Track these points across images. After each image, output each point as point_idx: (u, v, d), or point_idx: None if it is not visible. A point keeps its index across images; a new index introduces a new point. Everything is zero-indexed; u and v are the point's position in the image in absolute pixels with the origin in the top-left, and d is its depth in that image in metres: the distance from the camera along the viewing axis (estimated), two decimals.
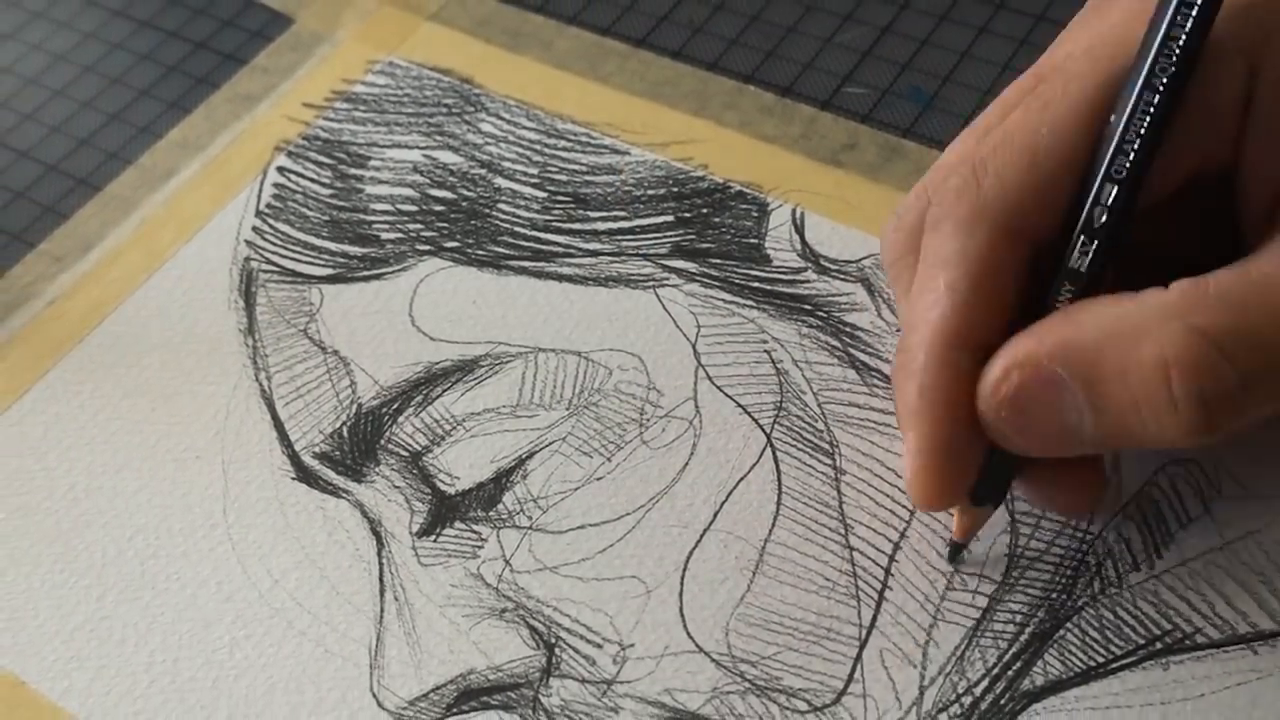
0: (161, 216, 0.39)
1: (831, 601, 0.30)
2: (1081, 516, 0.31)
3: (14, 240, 0.39)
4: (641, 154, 0.39)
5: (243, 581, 0.31)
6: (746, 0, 0.43)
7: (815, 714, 0.28)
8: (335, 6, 0.45)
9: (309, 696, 0.29)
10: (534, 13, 0.44)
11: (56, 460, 0.34)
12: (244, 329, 0.36)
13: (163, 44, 0.45)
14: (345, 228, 0.38)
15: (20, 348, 0.36)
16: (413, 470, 0.33)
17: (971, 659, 0.29)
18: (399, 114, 0.41)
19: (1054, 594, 0.29)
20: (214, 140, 0.41)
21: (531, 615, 0.30)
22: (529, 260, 0.37)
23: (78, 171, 0.41)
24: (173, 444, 0.34)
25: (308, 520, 0.32)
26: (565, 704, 0.29)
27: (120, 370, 0.36)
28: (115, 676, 0.30)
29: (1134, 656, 0.29)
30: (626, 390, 0.34)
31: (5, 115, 0.43)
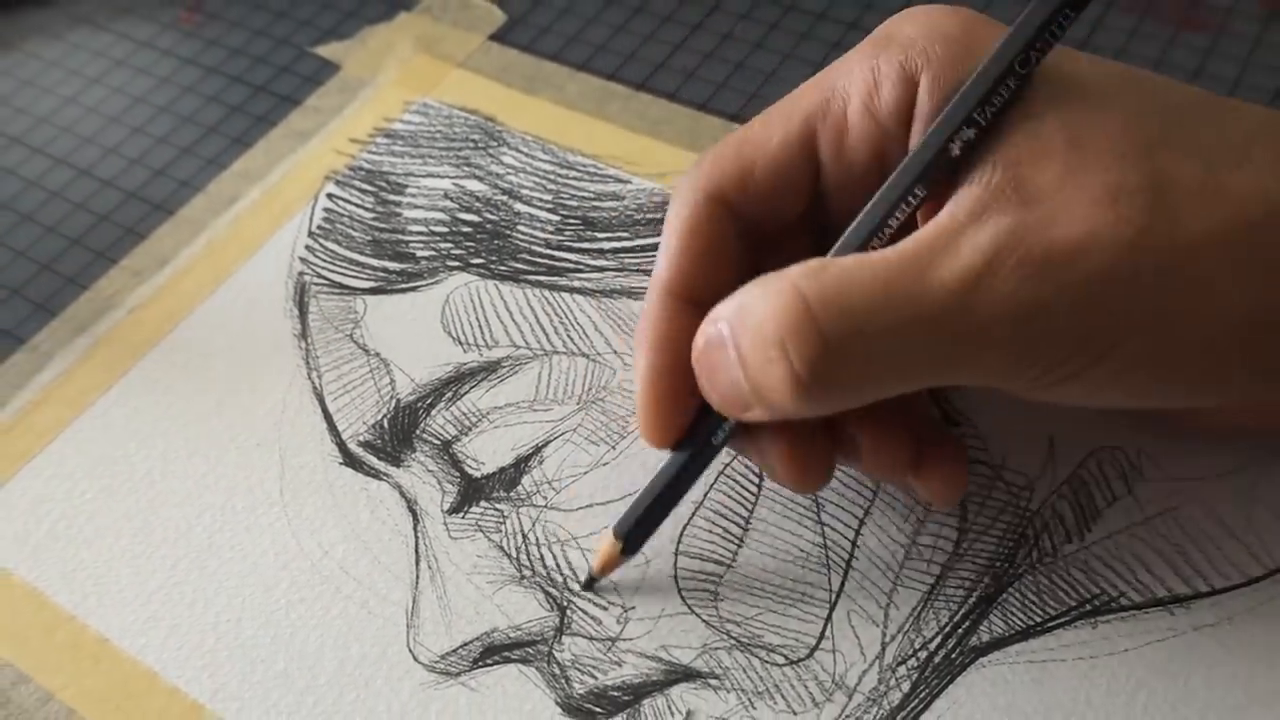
0: (226, 237, 0.39)
1: (805, 570, 0.30)
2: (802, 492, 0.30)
3: (99, 257, 0.39)
4: (642, 182, 0.39)
5: (297, 552, 0.31)
6: (731, 50, 0.43)
7: (792, 667, 0.28)
8: (377, 55, 0.45)
9: (354, 651, 0.29)
10: (548, 60, 0.44)
11: (136, 447, 0.34)
12: (298, 334, 0.36)
13: (227, 87, 0.45)
14: (385, 246, 0.38)
15: (104, 350, 0.36)
16: (444, 456, 0.33)
17: (926, 619, 0.29)
18: (432, 148, 0.41)
19: (998, 563, 0.29)
20: (272, 171, 0.41)
21: (546, 582, 0.30)
22: (544, 275, 0.37)
23: (154, 198, 0.41)
24: (236, 434, 0.34)
25: (353, 500, 0.32)
26: (576, 658, 0.29)
27: (191, 370, 0.36)
28: (186, 634, 0.30)
29: (1067, 617, 0.29)
30: (629, 388, 0.34)
31: (92, 149, 0.43)
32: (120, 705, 0.29)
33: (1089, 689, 0.27)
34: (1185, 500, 0.30)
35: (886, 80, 0.26)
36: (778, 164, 0.28)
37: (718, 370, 0.25)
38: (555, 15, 0.46)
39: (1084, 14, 0.42)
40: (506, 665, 0.29)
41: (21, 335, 0.37)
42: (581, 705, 0.28)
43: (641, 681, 0.28)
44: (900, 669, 0.28)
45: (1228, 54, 0.41)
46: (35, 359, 0.37)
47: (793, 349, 0.23)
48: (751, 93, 0.42)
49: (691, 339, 0.26)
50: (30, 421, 0.35)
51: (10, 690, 0.30)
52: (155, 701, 0.29)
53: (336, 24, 0.47)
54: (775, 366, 0.24)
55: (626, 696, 0.28)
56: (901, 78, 0.26)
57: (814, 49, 0.43)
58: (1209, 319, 0.24)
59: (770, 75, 0.42)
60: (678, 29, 0.44)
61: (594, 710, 0.28)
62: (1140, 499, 0.30)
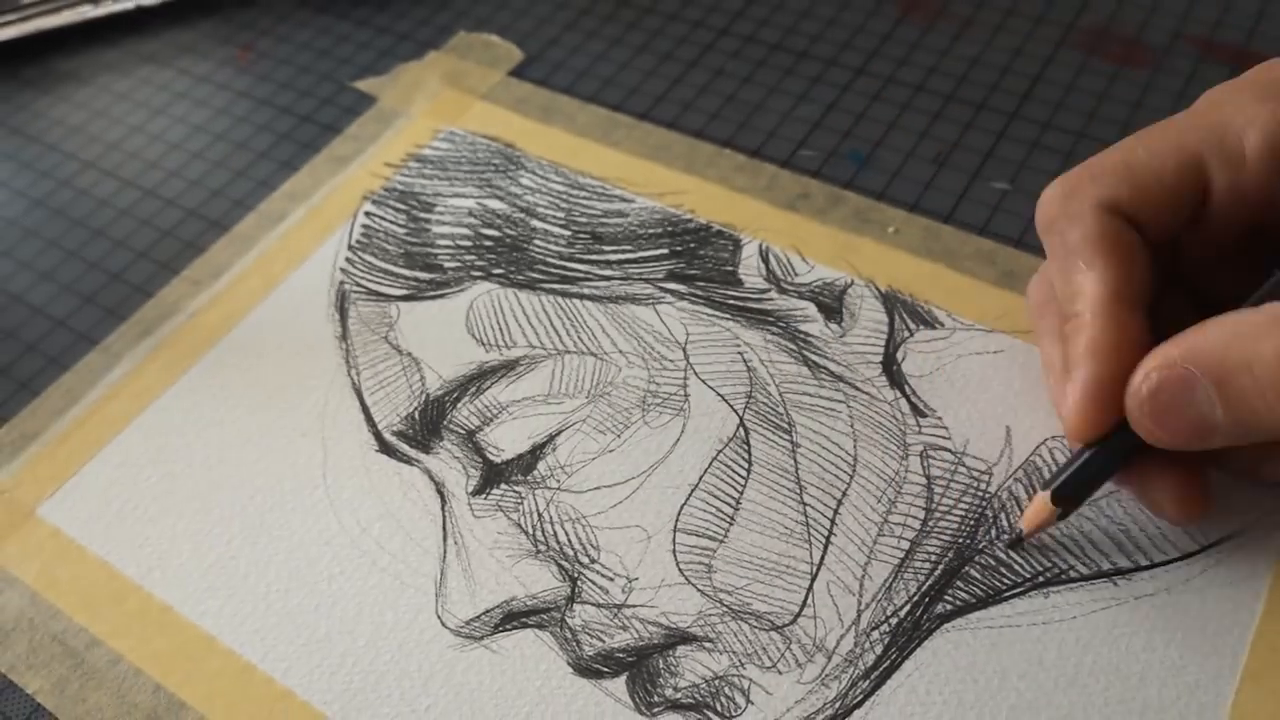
0: (275, 250, 0.39)
1: (789, 545, 0.30)
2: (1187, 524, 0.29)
3: (163, 268, 0.39)
4: (644, 202, 0.39)
5: (337, 530, 0.31)
6: (723, 84, 0.43)
7: (777, 631, 0.28)
8: (409, 89, 0.44)
9: (388, 618, 0.29)
10: (561, 93, 0.44)
11: (195, 437, 0.34)
12: (339, 336, 0.36)
13: (276, 117, 0.45)
14: (416, 258, 0.38)
15: (167, 351, 0.36)
16: (468, 444, 0.33)
17: (897, 589, 0.29)
18: (458, 171, 0.41)
19: (960, 539, 0.29)
20: (316, 191, 0.41)
21: (559, 555, 0.30)
22: (557, 283, 0.36)
23: (211, 215, 0.41)
24: (284, 424, 0.34)
25: (387, 483, 0.32)
26: (585, 624, 0.29)
27: (244, 368, 0.36)
28: (240, 602, 0.30)
29: (1021, 588, 0.28)
30: (632, 383, 0.34)
31: (156, 172, 0.43)
32: (181, 665, 0.29)
33: (1041, 652, 0.27)
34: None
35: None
36: (1170, 188, 0.27)
37: (1175, 410, 0.25)
38: (567, 53, 0.46)
39: (1037, 50, 0.43)
40: (524, 630, 0.29)
41: (94, 338, 0.38)
42: (590, 665, 0.28)
43: (644, 644, 0.28)
44: (874, 633, 0.28)
45: (1165, 89, 0.41)
46: (106, 359, 0.37)
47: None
48: (741, 121, 0.42)
49: (1127, 351, 0.26)
50: (102, 414, 0.35)
51: (85, 652, 0.30)
52: (213, 662, 0.29)
53: (373, 61, 0.47)
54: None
55: (630, 658, 0.28)
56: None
57: (796, 83, 0.43)
58: None
59: (758, 106, 0.42)
60: (676, 66, 0.44)
61: (601, 670, 0.28)
62: None
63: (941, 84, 0.42)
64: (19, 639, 0.30)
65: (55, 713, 0.29)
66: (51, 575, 0.31)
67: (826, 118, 0.41)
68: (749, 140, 0.41)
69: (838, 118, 0.41)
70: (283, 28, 0.49)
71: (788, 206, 0.38)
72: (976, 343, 0.33)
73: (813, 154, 0.40)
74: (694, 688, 0.27)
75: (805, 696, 0.27)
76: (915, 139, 0.40)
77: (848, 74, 0.43)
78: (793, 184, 0.39)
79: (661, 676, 0.28)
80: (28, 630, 0.30)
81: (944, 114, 0.41)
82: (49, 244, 0.41)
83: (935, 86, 0.42)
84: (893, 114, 0.41)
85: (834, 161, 0.40)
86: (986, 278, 0.35)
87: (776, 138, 0.41)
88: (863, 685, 0.27)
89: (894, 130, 0.41)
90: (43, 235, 0.41)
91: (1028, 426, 0.31)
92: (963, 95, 0.42)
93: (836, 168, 0.39)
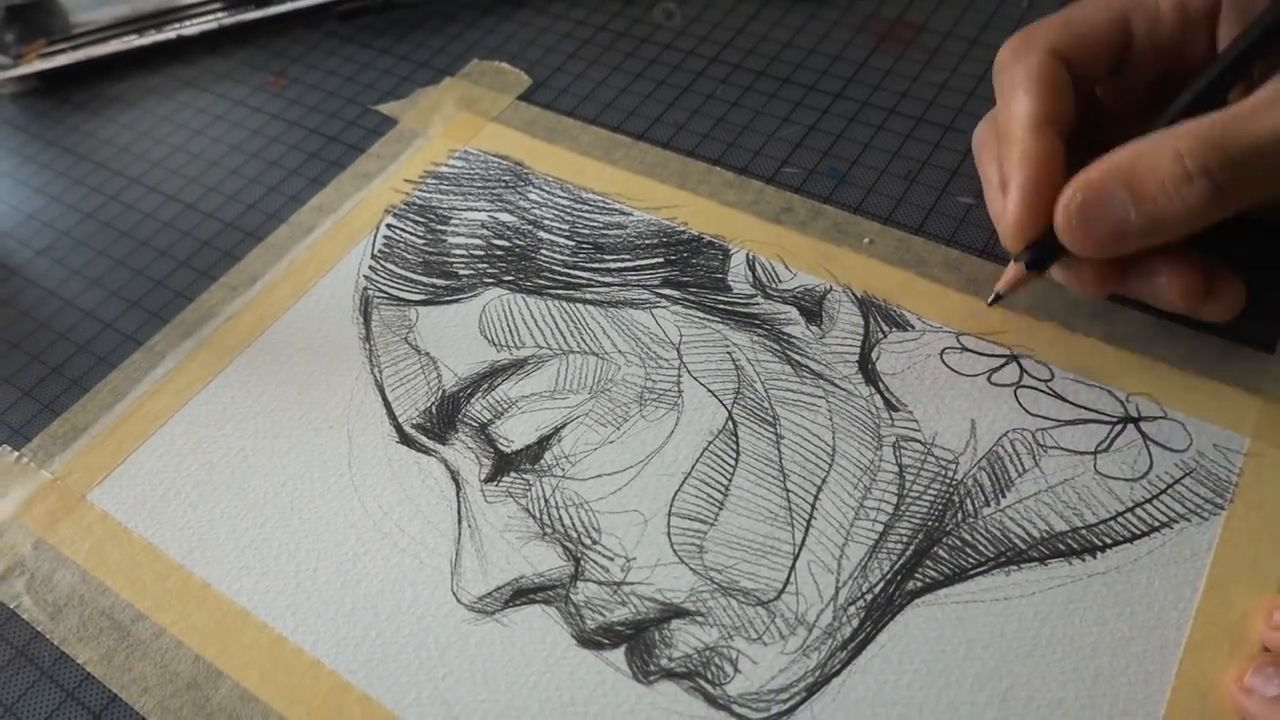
0: (305, 259, 0.39)
1: (773, 527, 0.30)
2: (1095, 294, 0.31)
3: (202, 275, 0.39)
4: (641, 215, 0.39)
5: (362, 514, 0.31)
6: (713, 108, 0.43)
7: (763, 606, 0.28)
8: (427, 113, 0.45)
9: (408, 594, 0.29)
10: (566, 116, 0.44)
11: (232, 429, 0.34)
12: (363, 337, 0.36)
13: (305, 138, 0.45)
14: (434, 266, 0.38)
15: (206, 351, 0.36)
16: (481, 436, 0.33)
17: (872, 568, 0.29)
18: (471, 187, 0.41)
19: (930, 522, 0.29)
20: (342, 205, 0.41)
21: (564, 537, 0.30)
22: (562, 289, 0.36)
23: (246, 227, 0.41)
24: (313, 418, 0.34)
25: (407, 471, 0.32)
26: (588, 599, 0.29)
27: (276, 367, 0.36)
28: (273, 581, 0.30)
29: (985, 567, 0.29)
30: (630, 380, 0.34)
31: (196, 188, 0.43)
32: (218, 638, 0.29)
33: (1003, 624, 0.27)
34: (1082, 472, 0.30)
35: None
36: (1101, 36, 0.31)
37: (1097, 217, 0.28)
38: (571, 80, 0.46)
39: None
40: (531, 605, 0.29)
41: (140, 338, 0.38)
42: (592, 638, 0.28)
43: (641, 618, 0.28)
44: (850, 608, 0.28)
45: None
46: (151, 358, 0.37)
47: (1217, 171, 0.26)
48: (730, 142, 0.42)
49: (1051, 163, 0.29)
50: (147, 409, 0.35)
51: (131, 626, 0.30)
52: (247, 635, 0.29)
53: (394, 87, 0.47)
54: (1197, 188, 0.26)
55: (629, 630, 0.28)
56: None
57: (779, 107, 0.43)
58: None
59: (744, 128, 0.42)
60: (670, 91, 0.44)
61: (602, 642, 0.28)
62: (1045, 471, 0.30)
63: (912, 107, 0.42)
64: (70, 614, 0.30)
65: (104, 681, 0.29)
66: (100, 556, 0.31)
67: (807, 138, 0.41)
68: (737, 159, 0.41)
69: (818, 138, 0.41)
70: (312, 56, 0.49)
71: (772, 219, 0.38)
72: (944, 343, 0.33)
73: (795, 171, 0.40)
74: (687, 658, 0.28)
75: (788, 666, 0.27)
76: (888, 157, 0.40)
77: (826, 98, 0.43)
78: (777, 199, 0.39)
79: (657, 648, 0.28)
80: (79, 606, 0.30)
81: (914, 135, 0.41)
82: (98, 253, 0.41)
83: (906, 110, 0.42)
84: (868, 135, 0.41)
85: (814, 178, 0.40)
86: (953, 284, 0.35)
87: (762, 156, 0.41)
88: (840, 655, 0.27)
89: (869, 149, 0.41)
90: (92, 245, 0.42)
91: (990, 420, 0.31)
92: (931, 118, 0.42)
93: (817, 184, 0.40)
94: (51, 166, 0.45)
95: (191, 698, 0.28)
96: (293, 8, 0.50)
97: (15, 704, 0.29)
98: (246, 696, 0.28)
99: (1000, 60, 0.32)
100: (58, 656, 0.29)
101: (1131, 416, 0.31)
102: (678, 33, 0.48)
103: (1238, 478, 0.29)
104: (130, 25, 0.50)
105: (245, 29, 0.51)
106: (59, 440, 0.34)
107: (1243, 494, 0.29)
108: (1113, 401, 0.31)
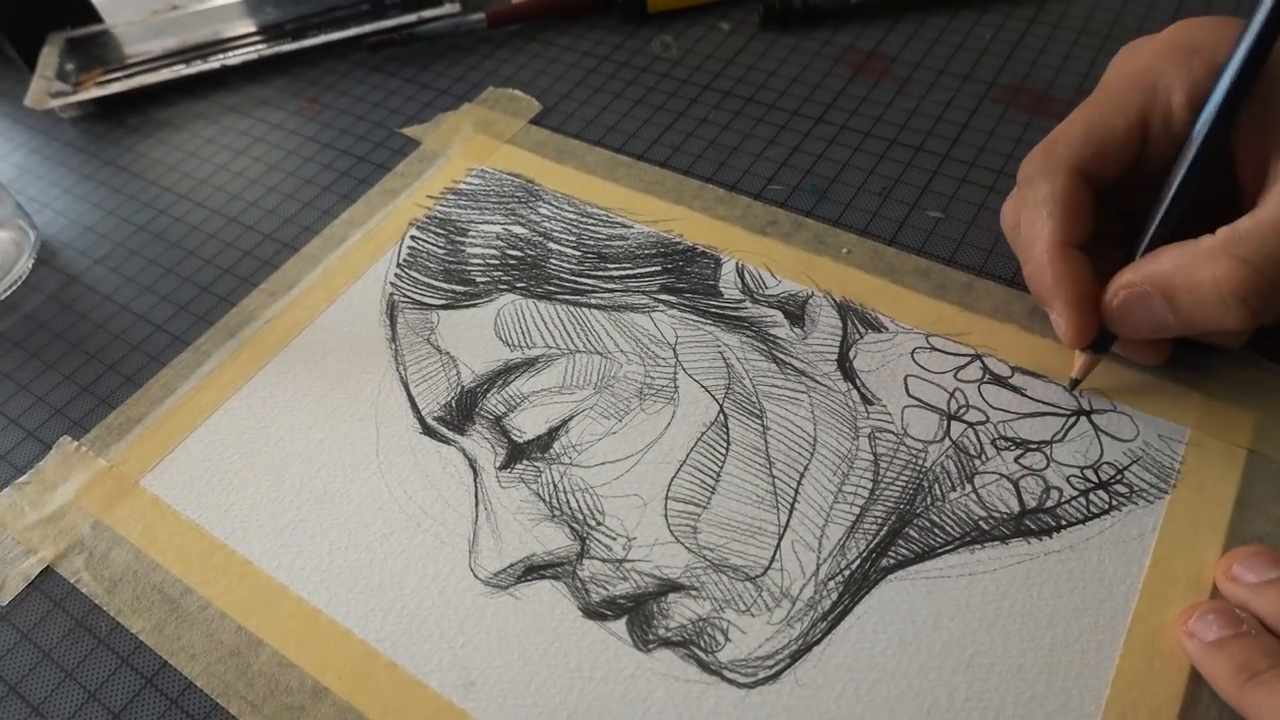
0: (337, 268, 0.39)
1: (761, 510, 0.30)
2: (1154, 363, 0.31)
3: (243, 282, 0.39)
4: (641, 227, 0.39)
5: (388, 498, 0.31)
6: (706, 131, 0.43)
7: (751, 581, 0.28)
8: (447, 135, 0.44)
9: (430, 570, 0.29)
10: (573, 138, 0.43)
11: (271, 421, 0.34)
12: (389, 338, 0.36)
13: (337, 158, 0.45)
14: (453, 274, 0.38)
15: (248, 350, 0.36)
16: (496, 428, 0.33)
17: (849, 546, 0.29)
18: (487, 202, 0.41)
19: (902, 505, 0.29)
20: (370, 219, 0.41)
21: (571, 519, 0.30)
22: (570, 295, 0.36)
23: (283, 239, 0.41)
24: (344, 411, 0.34)
25: (429, 459, 0.32)
26: (593, 575, 0.29)
27: (311, 364, 0.36)
28: (309, 558, 0.30)
29: (952, 546, 0.29)
30: (631, 377, 0.33)
31: (238, 203, 0.43)
32: (259, 609, 0.29)
33: (968, 598, 0.27)
34: (1040, 460, 0.30)
35: (1204, 80, 0.28)
36: (1122, 142, 0.29)
37: (1137, 315, 0.28)
38: (578, 105, 0.45)
39: (964, 103, 0.43)
40: (542, 580, 0.29)
41: (187, 340, 0.37)
42: (597, 610, 0.28)
43: (641, 592, 0.28)
44: (830, 583, 0.28)
45: None
46: (197, 357, 0.37)
47: (1253, 299, 0.26)
48: (721, 161, 0.42)
49: (1084, 275, 0.29)
50: (194, 403, 0.35)
51: (180, 599, 0.30)
52: (285, 606, 0.29)
53: (418, 111, 0.47)
54: (1234, 313, 0.26)
55: (630, 603, 0.28)
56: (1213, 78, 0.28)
57: (765, 130, 0.43)
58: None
59: (734, 149, 0.42)
60: (667, 115, 0.44)
61: (605, 613, 0.28)
62: (1006, 459, 0.30)
63: (886, 131, 0.42)
64: (125, 588, 0.30)
65: (155, 649, 0.29)
66: (152, 535, 0.31)
67: (791, 158, 0.41)
68: (727, 176, 0.41)
69: (800, 158, 0.41)
70: (343, 84, 0.49)
71: (759, 231, 0.38)
72: (915, 343, 0.33)
73: (780, 188, 0.40)
74: (682, 628, 0.28)
75: (774, 635, 0.27)
76: (864, 175, 0.40)
77: (808, 122, 0.43)
78: (763, 213, 0.39)
79: (655, 619, 0.28)
80: (132, 581, 0.30)
81: (888, 155, 0.41)
82: (150, 262, 0.41)
83: (880, 133, 0.42)
84: (846, 155, 0.41)
85: (797, 194, 0.40)
86: (923, 290, 0.35)
87: (750, 175, 0.41)
88: (821, 626, 0.27)
89: (847, 169, 0.41)
90: (144, 255, 0.41)
91: (956, 411, 0.31)
92: (903, 140, 0.42)
93: (799, 199, 0.39)
94: (108, 184, 0.45)
95: (235, 664, 0.28)
96: (326, 40, 0.50)
97: (75, 669, 0.29)
98: (284, 662, 0.28)
99: (1026, 170, 0.30)
100: (113, 627, 0.29)
101: (1084, 409, 0.31)
102: (674, 63, 0.47)
103: (1180, 464, 0.29)
104: (179, 56, 0.50)
105: (283, 60, 0.51)
106: (114, 431, 0.34)
107: (1185, 479, 0.29)
108: (1067, 396, 0.31)
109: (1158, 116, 0.29)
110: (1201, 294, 0.26)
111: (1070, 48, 0.45)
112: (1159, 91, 0.29)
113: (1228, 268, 0.26)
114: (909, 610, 0.27)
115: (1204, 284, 0.26)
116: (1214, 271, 0.26)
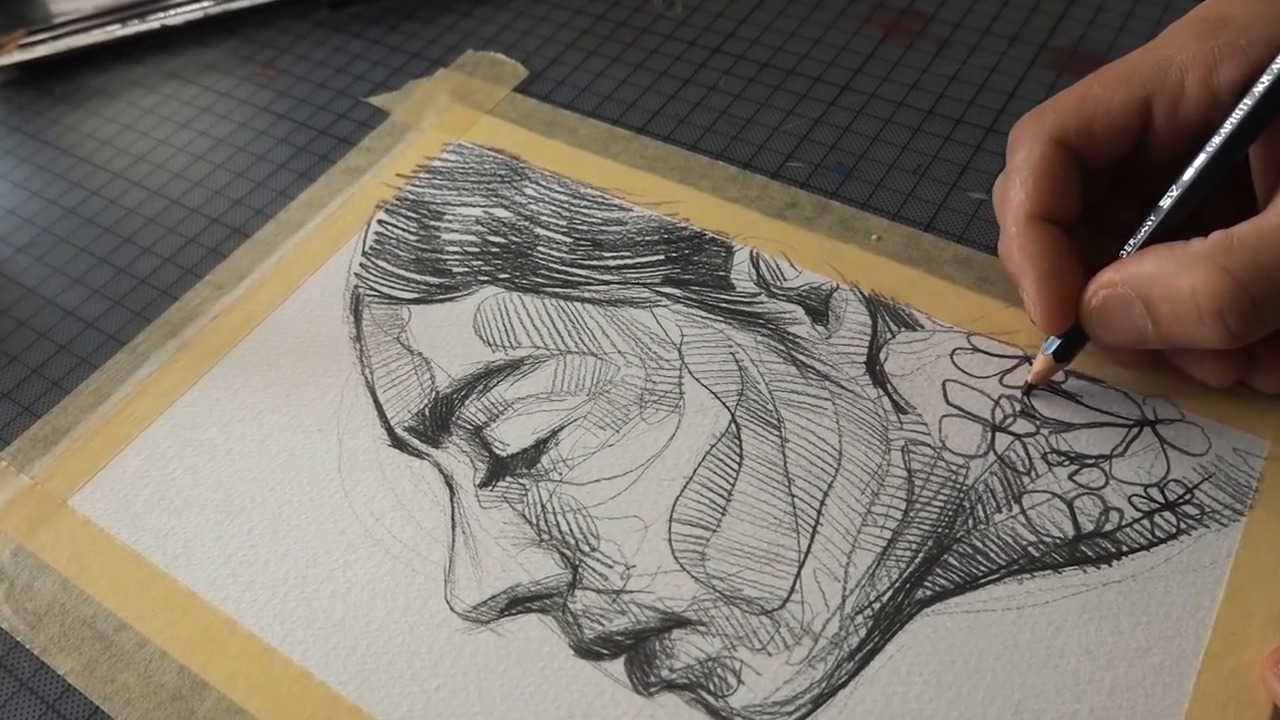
0: (294, 256, 0.39)
1: (778, 534, 0.30)
2: (1135, 368, 0.31)
3: (187, 273, 0.39)
4: (641, 210, 0.39)
5: (352, 520, 0.31)
6: (715, 100, 0.43)
7: (767, 615, 0.28)
8: (420, 104, 0.44)
9: (399, 603, 0.29)
10: (563, 108, 0.44)
11: (218, 432, 0.34)
12: (353, 337, 0.36)
13: (294, 131, 0.45)
14: (426, 264, 0.38)
15: (191, 351, 0.36)
16: (475, 439, 0.33)
17: (880, 576, 0.29)
18: (465, 181, 0.41)
19: (940, 529, 0.29)
20: (332, 200, 0.41)
21: (561, 544, 0.30)
22: (560, 287, 0.36)
23: (233, 223, 0.41)
24: (301, 420, 0.34)
25: (399, 475, 0.32)
26: (586, 608, 0.29)
27: (263, 367, 0.36)
28: (260, 588, 0.30)
29: (997, 574, 0.29)
30: (630, 381, 0.33)
31: (181, 183, 0.43)
32: (205, 648, 0.29)
33: (1015, 634, 0.27)
34: (1097, 478, 0.30)
35: (1227, 60, 0.27)
36: (1116, 120, 0.29)
37: (1117, 321, 0.28)
38: (569, 71, 0.46)
39: (1010, 69, 0.43)
40: (528, 614, 0.29)
41: (122, 339, 0.37)
42: (590, 648, 0.28)
43: (641, 628, 0.28)
44: (858, 618, 0.28)
45: None
46: (134, 359, 0.37)
47: (1230, 316, 0.25)
48: (733, 135, 0.42)
49: (1056, 251, 0.29)
50: (130, 410, 0.35)
51: (113, 636, 0.30)
52: (234, 644, 0.29)
53: (386, 78, 0.47)
54: (1210, 329, 0.26)
55: (628, 640, 0.28)
56: (1241, 59, 0.27)
57: (784, 99, 0.43)
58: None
59: (748, 121, 0.42)
60: (671, 83, 0.44)
61: (601, 652, 0.28)
62: (1059, 476, 0.30)
63: (921, 100, 0.42)
64: (51, 623, 0.30)
65: (85, 692, 0.29)
66: (82, 563, 0.31)
67: (813, 132, 0.41)
68: (740, 153, 0.41)
69: (824, 132, 0.41)
70: (300, 46, 0.49)
71: (777, 215, 0.38)
72: (954, 343, 0.33)
73: (800, 166, 0.40)
74: (688, 668, 0.27)
75: (793, 677, 0.27)
76: (897, 152, 0.40)
77: (833, 91, 0.43)
78: (781, 194, 0.39)
79: (658, 658, 0.28)
80: (59, 615, 0.30)
81: (923, 128, 0.41)
82: (80, 250, 0.41)
83: (915, 103, 0.42)
84: (875, 128, 0.41)
85: (820, 173, 0.40)
86: (964, 282, 0.35)
87: (766, 150, 0.41)
88: (847, 666, 0.27)
89: (877, 144, 0.41)
90: (74, 242, 0.41)
91: (1002, 423, 0.31)
92: (941, 111, 0.42)
93: (823, 179, 0.40)
94: (31, 161, 0.45)
95: (176, 710, 0.28)
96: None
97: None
98: (233, 709, 0.28)
99: (1012, 136, 0.31)
100: (38, 667, 0.29)
101: (1148, 419, 0.31)
102: (679, 22, 0.48)
103: (1258, 482, 0.29)
104: (113, 15, 0.50)
105: (231, 18, 0.51)
106: (39, 444, 0.34)
107: (1263, 499, 0.29)
108: (1129, 404, 0.31)
109: (1164, 97, 0.28)
110: (1179, 305, 0.26)
111: (1134, 4, 0.45)
112: (1172, 68, 0.28)
113: (1207, 277, 0.25)
114: (948, 648, 0.27)
115: (1182, 293, 0.26)
116: (1193, 280, 0.25)
